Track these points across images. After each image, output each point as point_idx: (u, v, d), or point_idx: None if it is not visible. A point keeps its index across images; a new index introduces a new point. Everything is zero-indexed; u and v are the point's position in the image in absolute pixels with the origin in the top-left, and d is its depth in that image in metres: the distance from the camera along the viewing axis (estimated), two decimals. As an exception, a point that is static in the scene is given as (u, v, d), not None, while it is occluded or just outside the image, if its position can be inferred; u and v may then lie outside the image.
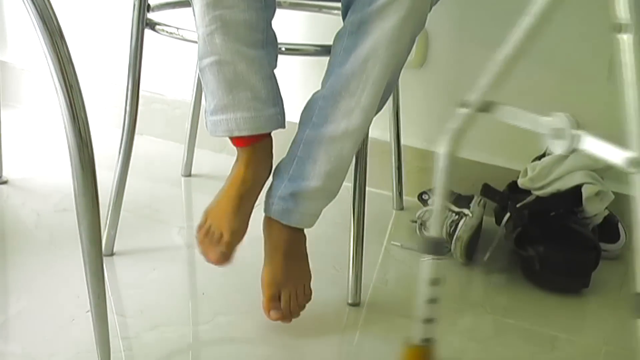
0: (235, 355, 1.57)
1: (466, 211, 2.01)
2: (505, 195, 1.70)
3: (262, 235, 1.64)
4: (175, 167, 2.44)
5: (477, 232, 2.00)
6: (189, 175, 2.38)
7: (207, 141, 2.51)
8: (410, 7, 1.50)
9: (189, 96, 2.35)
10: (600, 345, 1.70)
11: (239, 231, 1.61)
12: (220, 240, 1.62)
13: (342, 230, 1.80)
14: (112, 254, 1.88)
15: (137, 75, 1.83)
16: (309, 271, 1.66)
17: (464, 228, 1.97)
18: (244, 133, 1.59)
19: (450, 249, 2.00)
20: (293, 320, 1.63)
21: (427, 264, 1.40)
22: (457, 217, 2.01)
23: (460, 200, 2.07)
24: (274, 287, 1.61)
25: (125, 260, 1.88)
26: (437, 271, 1.40)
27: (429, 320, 1.42)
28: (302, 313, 1.64)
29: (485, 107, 1.38)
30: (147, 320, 1.64)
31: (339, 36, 1.57)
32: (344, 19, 1.60)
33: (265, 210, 1.63)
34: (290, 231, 1.63)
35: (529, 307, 1.80)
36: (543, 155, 2.11)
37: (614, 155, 1.11)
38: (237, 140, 1.62)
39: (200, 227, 1.66)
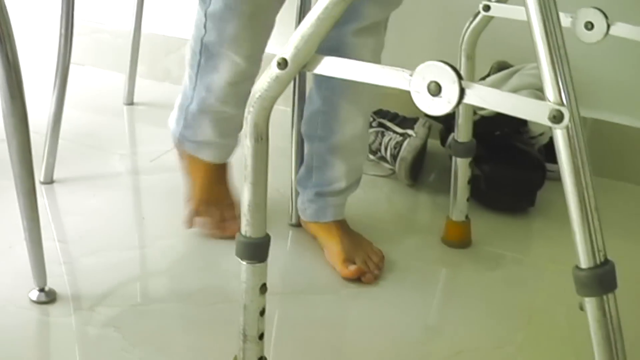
0: (176, 279, 1.56)
1: (410, 132, 2.00)
2: (450, 116, 1.67)
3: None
4: (118, 96, 2.40)
5: (422, 152, 1.99)
6: (132, 103, 2.34)
7: (149, 70, 2.48)
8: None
9: (130, 25, 2.31)
10: (545, 263, 1.71)
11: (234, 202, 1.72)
12: (226, 217, 1.70)
13: (286, 154, 1.78)
14: (51, 182, 1.86)
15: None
16: (368, 240, 1.70)
17: (407, 148, 1.95)
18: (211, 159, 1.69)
19: (394, 171, 1.99)
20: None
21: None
22: (401, 138, 1.99)
23: (405, 122, 2.05)
24: (344, 253, 1.62)
25: (65, 187, 1.85)
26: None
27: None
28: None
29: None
30: (87, 246, 1.62)
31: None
32: None
33: (302, 216, 1.73)
34: (332, 223, 1.68)
35: (475, 227, 1.79)
36: (488, 75, 2.09)
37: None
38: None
39: (192, 216, 1.71)
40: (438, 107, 0.91)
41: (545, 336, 1.47)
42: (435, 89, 0.90)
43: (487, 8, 1.57)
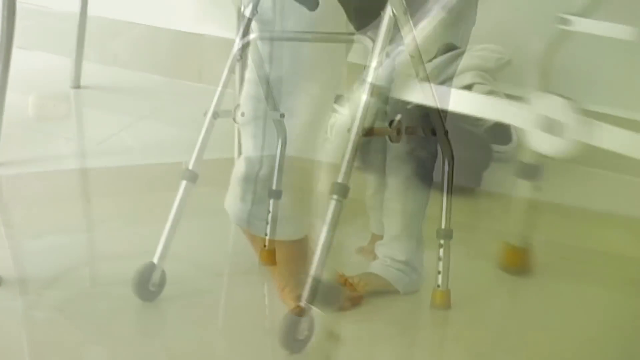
0: (122, 262, 1.55)
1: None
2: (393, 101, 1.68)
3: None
4: (64, 79, 2.39)
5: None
6: (78, 87, 2.33)
7: (96, 53, 2.46)
8: None
9: (76, 8, 2.29)
10: (490, 241, 1.72)
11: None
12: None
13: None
14: (-5, 165, 1.85)
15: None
16: None
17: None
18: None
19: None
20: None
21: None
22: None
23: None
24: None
25: (10, 170, 1.84)
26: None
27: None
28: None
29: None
30: (32, 230, 1.61)
31: None
32: None
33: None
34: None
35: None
36: (435, 57, 2.10)
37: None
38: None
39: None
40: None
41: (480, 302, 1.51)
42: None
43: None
